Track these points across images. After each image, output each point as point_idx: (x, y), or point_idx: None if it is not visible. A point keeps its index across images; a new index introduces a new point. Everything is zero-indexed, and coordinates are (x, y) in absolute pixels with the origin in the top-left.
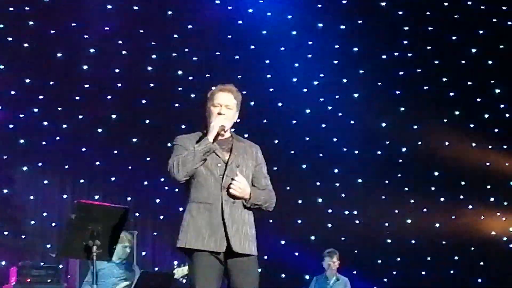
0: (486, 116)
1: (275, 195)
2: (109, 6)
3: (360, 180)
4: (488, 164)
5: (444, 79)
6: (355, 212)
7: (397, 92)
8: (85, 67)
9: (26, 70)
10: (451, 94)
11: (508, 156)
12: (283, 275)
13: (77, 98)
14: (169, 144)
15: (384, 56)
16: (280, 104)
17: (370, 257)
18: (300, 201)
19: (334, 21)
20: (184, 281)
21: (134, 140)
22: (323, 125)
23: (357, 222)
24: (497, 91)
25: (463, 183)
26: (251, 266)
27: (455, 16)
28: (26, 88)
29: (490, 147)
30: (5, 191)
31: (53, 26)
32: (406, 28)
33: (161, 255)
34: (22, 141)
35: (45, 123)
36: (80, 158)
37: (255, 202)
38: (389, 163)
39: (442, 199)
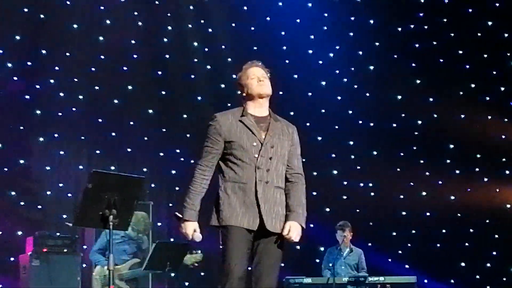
0: (502, 88)
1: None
2: None
3: (375, 153)
4: (503, 136)
5: (460, 52)
6: (370, 184)
7: (413, 65)
8: (101, 38)
9: (42, 41)
10: (467, 66)
11: None
12: (297, 247)
13: (93, 69)
14: (184, 116)
15: (399, 29)
16: (295, 76)
17: (385, 229)
18: (315, 173)
19: None
20: (193, 266)
21: (150, 111)
22: (339, 97)
23: (372, 194)
24: None
25: (478, 155)
26: (279, 243)
27: None
28: (42, 59)
29: (505, 119)
30: (22, 161)
31: None
32: (422, 1)
33: (176, 226)
34: (38, 112)
35: (61, 94)
36: (96, 129)
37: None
38: (404, 135)
39: (457, 171)
